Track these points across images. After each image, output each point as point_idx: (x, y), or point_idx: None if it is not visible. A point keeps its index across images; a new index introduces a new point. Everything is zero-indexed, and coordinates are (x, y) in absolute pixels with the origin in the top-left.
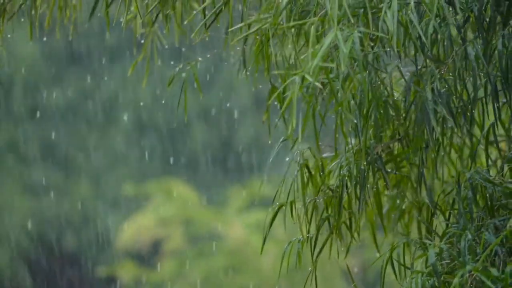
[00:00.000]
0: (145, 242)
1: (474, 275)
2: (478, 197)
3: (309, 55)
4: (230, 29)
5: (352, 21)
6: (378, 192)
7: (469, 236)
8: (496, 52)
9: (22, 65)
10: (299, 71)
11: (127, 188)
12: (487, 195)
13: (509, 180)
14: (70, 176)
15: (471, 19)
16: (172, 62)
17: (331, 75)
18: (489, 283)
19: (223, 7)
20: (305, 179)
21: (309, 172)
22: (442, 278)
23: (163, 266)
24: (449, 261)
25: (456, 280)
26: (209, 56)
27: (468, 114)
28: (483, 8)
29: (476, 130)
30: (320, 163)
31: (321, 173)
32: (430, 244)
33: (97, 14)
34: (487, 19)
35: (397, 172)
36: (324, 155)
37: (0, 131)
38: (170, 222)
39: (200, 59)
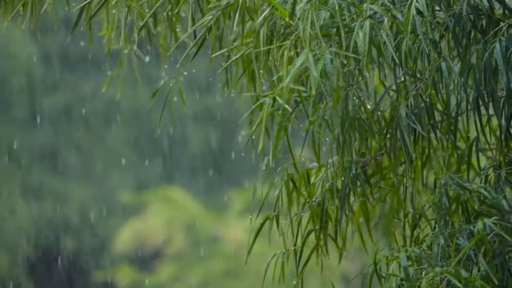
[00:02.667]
0: (144, 246)
1: (446, 278)
2: (454, 203)
3: (281, 77)
4: (213, 55)
5: (324, 44)
6: (365, 204)
7: (442, 241)
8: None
9: (19, 69)
10: (269, 93)
11: (126, 193)
12: (463, 201)
13: (482, 185)
14: (68, 181)
15: (447, 35)
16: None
17: (305, 94)
18: (459, 284)
19: (207, 34)
20: (290, 190)
21: (294, 185)
22: (418, 282)
23: (163, 270)
24: (426, 266)
25: (424, 283)
26: (194, 71)
27: (452, 128)
28: (459, 24)
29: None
30: (305, 173)
31: (307, 184)
32: (403, 249)
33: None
34: (464, 36)
35: (380, 186)
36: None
37: None
38: (170, 226)
39: (185, 73)
